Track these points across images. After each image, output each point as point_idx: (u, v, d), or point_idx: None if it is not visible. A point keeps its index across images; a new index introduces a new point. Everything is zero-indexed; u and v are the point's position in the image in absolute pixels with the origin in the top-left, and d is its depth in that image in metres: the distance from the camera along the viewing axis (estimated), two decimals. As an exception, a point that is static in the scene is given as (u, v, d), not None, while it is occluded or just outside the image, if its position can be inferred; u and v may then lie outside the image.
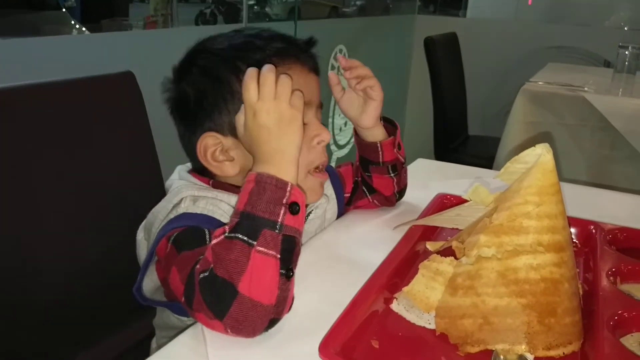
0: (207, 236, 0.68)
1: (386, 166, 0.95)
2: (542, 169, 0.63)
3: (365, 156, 0.96)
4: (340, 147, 3.11)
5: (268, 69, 0.67)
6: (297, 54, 0.80)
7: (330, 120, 2.95)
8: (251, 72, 0.67)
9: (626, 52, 2.26)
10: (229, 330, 0.60)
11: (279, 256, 0.61)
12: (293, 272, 0.62)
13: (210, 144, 0.78)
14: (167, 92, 0.83)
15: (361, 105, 0.91)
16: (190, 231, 0.67)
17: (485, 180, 0.94)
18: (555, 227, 0.62)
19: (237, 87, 0.74)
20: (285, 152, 0.66)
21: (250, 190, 0.63)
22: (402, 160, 0.97)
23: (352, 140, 3.13)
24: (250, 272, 0.59)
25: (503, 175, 0.69)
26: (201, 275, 0.60)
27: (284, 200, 0.62)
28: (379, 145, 0.93)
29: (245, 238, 0.60)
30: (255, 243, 0.60)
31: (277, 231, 0.61)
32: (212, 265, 0.60)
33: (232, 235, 0.60)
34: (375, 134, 0.93)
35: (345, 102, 0.92)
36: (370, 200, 1.00)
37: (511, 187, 0.66)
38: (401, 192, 1.01)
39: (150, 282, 0.78)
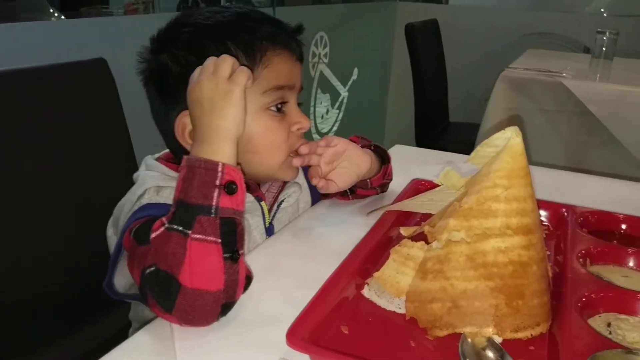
0: None
1: (374, 188, 0.96)
2: (511, 152, 0.63)
3: None
4: (322, 134, 3.10)
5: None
6: (287, 41, 0.79)
7: (312, 109, 2.93)
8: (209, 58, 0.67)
9: (604, 38, 2.26)
10: (182, 323, 0.59)
11: (219, 240, 0.59)
12: (239, 254, 0.61)
13: (188, 122, 0.74)
14: (144, 62, 0.79)
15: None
16: (150, 223, 0.66)
17: (457, 165, 0.93)
18: (524, 209, 0.62)
19: None
20: (218, 128, 0.64)
21: (183, 177, 0.61)
22: (390, 179, 0.98)
23: (334, 128, 3.15)
24: (189, 262, 0.57)
25: (474, 159, 0.69)
26: (147, 271, 0.59)
27: (217, 182, 0.60)
28: (368, 181, 0.93)
29: (181, 228, 0.59)
30: (189, 232, 0.58)
31: (212, 215, 0.59)
32: (156, 260, 0.59)
33: (169, 226, 0.59)
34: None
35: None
36: (351, 199, 0.98)
37: (481, 171, 0.66)
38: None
39: (123, 279, 0.76)
